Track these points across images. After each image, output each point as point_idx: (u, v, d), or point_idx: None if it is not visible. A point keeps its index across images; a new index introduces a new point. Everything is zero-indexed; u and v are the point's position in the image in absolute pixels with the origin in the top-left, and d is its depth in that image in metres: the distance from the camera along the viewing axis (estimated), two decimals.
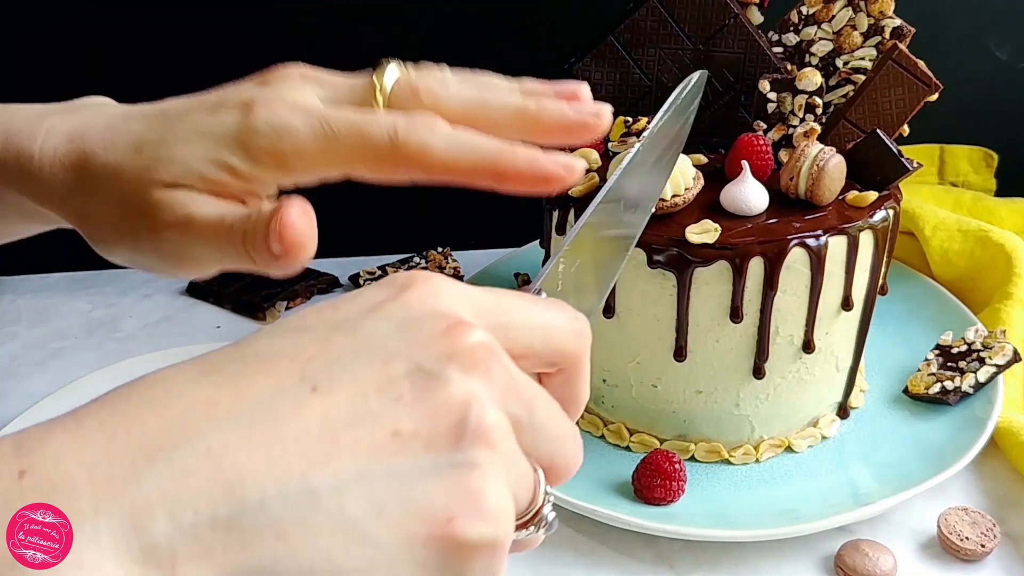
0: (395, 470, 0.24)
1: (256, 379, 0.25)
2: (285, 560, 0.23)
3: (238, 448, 0.23)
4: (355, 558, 0.23)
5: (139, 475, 0.23)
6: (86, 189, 0.38)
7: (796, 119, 0.66)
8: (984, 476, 0.67)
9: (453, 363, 0.25)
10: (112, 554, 0.22)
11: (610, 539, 0.62)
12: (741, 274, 0.60)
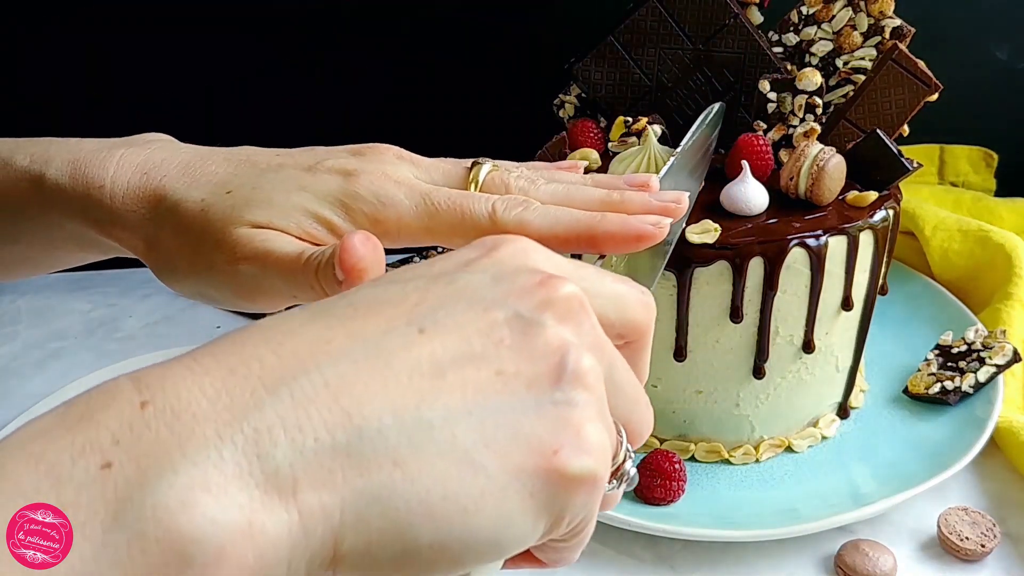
0: (500, 407, 0.25)
1: (366, 321, 0.26)
2: (402, 486, 0.24)
3: (354, 381, 0.25)
4: (468, 486, 0.24)
5: (260, 404, 0.24)
6: (160, 220, 0.40)
7: (796, 119, 0.66)
8: (984, 476, 0.67)
9: (548, 311, 0.27)
10: (236, 479, 0.23)
11: (610, 539, 0.62)
12: (741, 274, 0.60)
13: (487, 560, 0.26)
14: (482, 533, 0.25)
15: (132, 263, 0.45)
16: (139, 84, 0.94)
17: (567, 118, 0.73)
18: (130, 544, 0.22)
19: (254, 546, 0.23)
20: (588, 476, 0.26)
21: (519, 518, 0.25)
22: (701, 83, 0.68)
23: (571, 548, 0.29)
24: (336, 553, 0.24)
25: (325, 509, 0.23)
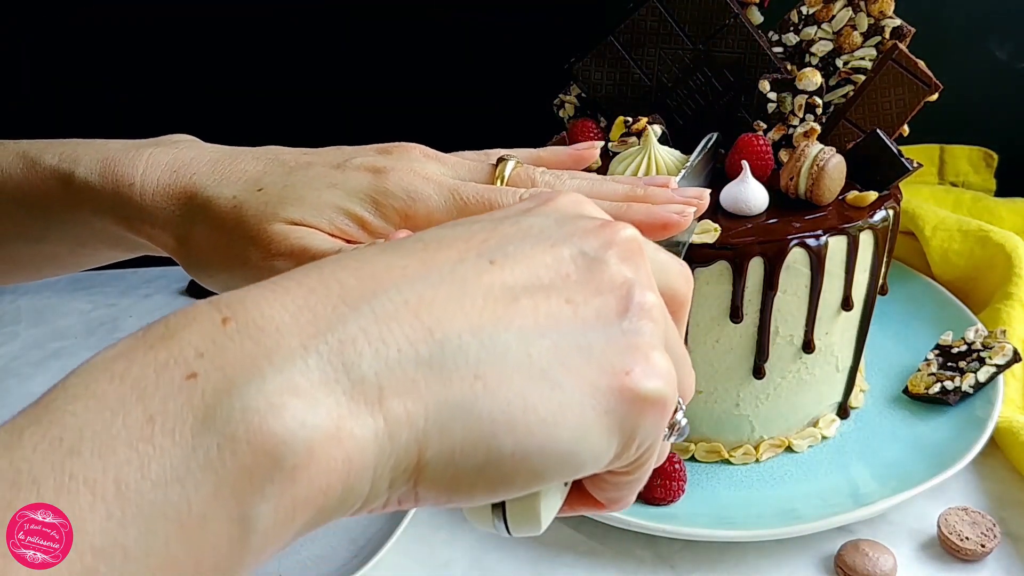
0: (572, 332, 0.26)
1: (438, 253, 0.27)
2: (484, 398, 0.25)
3: (432, 301, 0.25)
4: (546, 400, 0.25)
5: (343, 318, 0.24)
6: (192, 217, 0.41)
7: (796, 119, 0.66)
8: (984, 476, 0.67)
9: (611, 250, 0.28)
10: (323, 386, 0.23)
11: (610, 539, 0.62)
12: (741, 274, 0.60)
13: (564, 475, 0.26)
14: (561, 445, 0.25)
15: (132, 263, 0.45)
16: (139, 84, 0.94)
17: (567, 118, 0.73)
18: (220, 447, 0.22)
19: (342, 450, 0.23)
20: (659, 397, 0.26)
21: (595, 433, 0.26)
22: (701, 83, 0.68)
23: (631, 484, 0.30)
24: (420, 461, 0.24)
25: (410, 416, 0.24)
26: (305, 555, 0.61)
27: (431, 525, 0.64)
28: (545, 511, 0.28)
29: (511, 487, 0.26)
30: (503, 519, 0.28)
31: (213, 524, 0.22)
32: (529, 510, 0.28)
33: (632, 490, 0.30)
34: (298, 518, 0.23)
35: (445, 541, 0.63)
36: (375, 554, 0.59)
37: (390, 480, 0.24)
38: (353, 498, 0.24)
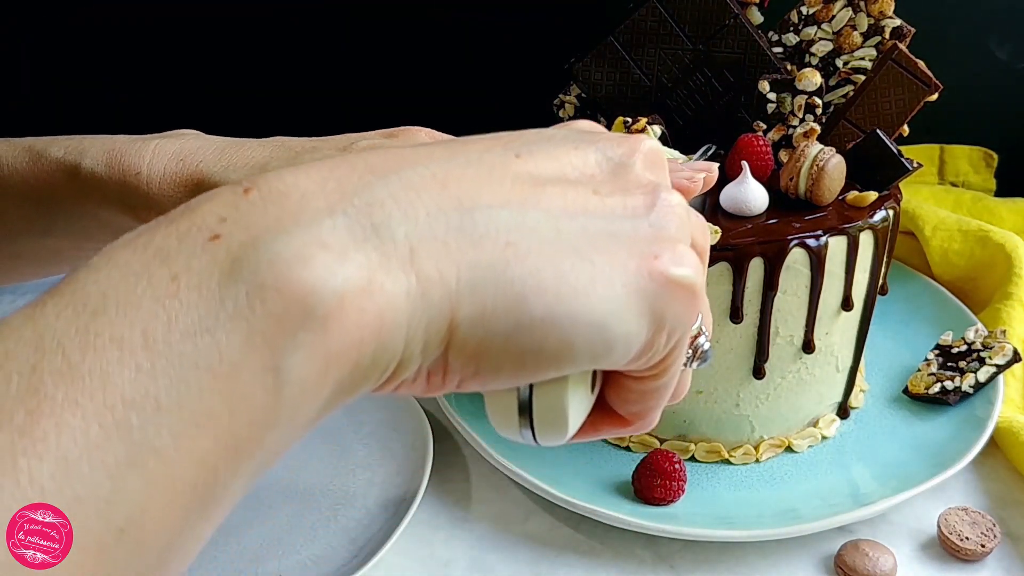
0: (600, 218, 0.26)
1: (465, 145, 0.27)
2: (514, 263, 0.24)
3: (460, 178, 0.25)
4: (577, 272, 0.25)
5: (369, 185, 0.24)
6: None
7: (796, 119, 0.66)
8: (984, 476, 0.67)
9: (636, 157, 0.28)
10: (351, 242, 0.23)
11: (610, 539, 0.62)
12: (741, 274, 0.60)
13: (594, 353, 0.25)
14: (592, 315, 0.25)
15: None
16: (139, 85, 0.94)
17: (567, 118, 0.73)
18: (249, 295, 0.21)
19: (374, 303, 0.23)
20: (688, 282, 0.26)
21: (625, 310, 0.25)
22: (701, 83, 0.68)
23: (656, 394, 0.29)
24: (452, 322, 0.24)
25: (442, 275, 0.24)
26: (305, 555, 0.61)
27: (431, 525, 0.64)
28: (572, 412, 0.27)
29: (539, 359, 0.25)
30: (530, 423, 0.27)
31: (246, 374, 0.21)
32: (556, 409, 0.27)
33: (657, 401, 0.30)
34: (332, 373, 0.22)
35: (445, 541, 0.63)
36: (375, 554, 0.59)
37: (423, 342, 0.24)
38: (387, 358, 0.23)
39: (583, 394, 0.28)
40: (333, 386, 0.23)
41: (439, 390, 0.26)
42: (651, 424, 0.31)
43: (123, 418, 0.20)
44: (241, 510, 0.65)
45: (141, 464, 0.20)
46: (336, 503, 0.65)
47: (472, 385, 0.26)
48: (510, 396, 0.27)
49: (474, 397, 0.71)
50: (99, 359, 0.20)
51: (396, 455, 0.68)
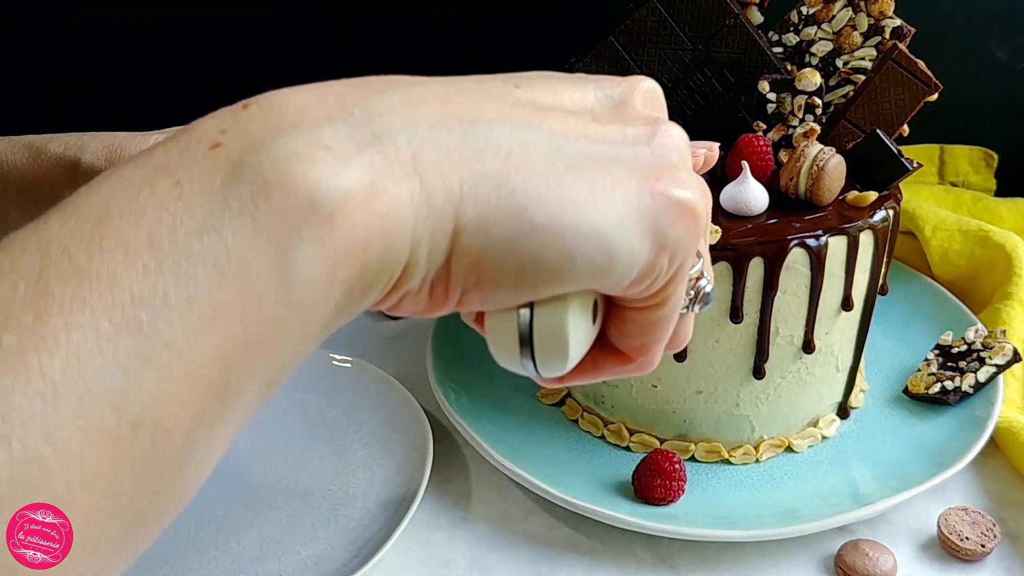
0: (601, 143, 0.26)
1: (462, 79, 0.27)
2: (516, 174, 0.24)
3: (457, 97, 0.25)
4: (579, 186, 0.25)
5: (369, 99, 0.24)
6: None
7: (796, 119, 0.66)
8: (984, 476, 0.67)
9: (635, 95, 0.28)
10: (354, 147, 0.23)
11: (610, 539, 0.62)
12: (741, 274, 0.60)
13: (596, 270, 0.25)
14: (594, 227, 0.25)
15: None
16: (139, 86, 0.94)
17: None
18: (253, 194, 0.21)
19: (379, 204, 0.23)
20: (691, 204, 0.26)
21: (626, 225, 0.25)
22: (701, 83, 0.68)
23: (658, 326, 0.29)
24: (456, 227, 0.24)
25: (445, 181, 0.24)
26: (305, 555, 0.61)
27: (431, 525, 0.64)
28: (573, 337, 0.27)
29: (540, 271, 0.25)
30: (530, 348, 0.27)
31: (255, 269, 0.21)
32: (556, 332, 0.27)
33: (658, 336, 0.29)
34: (340, 273, 0.22)
35: (445, 541, 0.63)
36: (375, 554, 0.59)
37: (428, 248, 0.24)
38: (393, 262, 0.23)
39: (584, 321, 0.28)
40: (342, 289, 0.23)
41: (441, 305, 0.26)
42: (652, 363, 0.30)
43: (133, 315, 0.20)
44: (241, 510, 0.65)
45: (154, 358, 0.20)
46: (336, 503, 0.65)
47: (473, 300, 0.26)
48: (510, 320, 0.27)
49: (474, 398, 0.71)
50: (105, 261, 0.20)
51: (396, 455, 0.68)
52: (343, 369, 0.77)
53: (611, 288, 0.26)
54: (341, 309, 0.24)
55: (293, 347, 0.23)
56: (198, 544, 0.62)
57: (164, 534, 0.69)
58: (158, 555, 0.61)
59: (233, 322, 0.21)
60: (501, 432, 0.68)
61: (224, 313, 0.21)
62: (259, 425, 0.73)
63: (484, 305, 0.26)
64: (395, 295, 0.25)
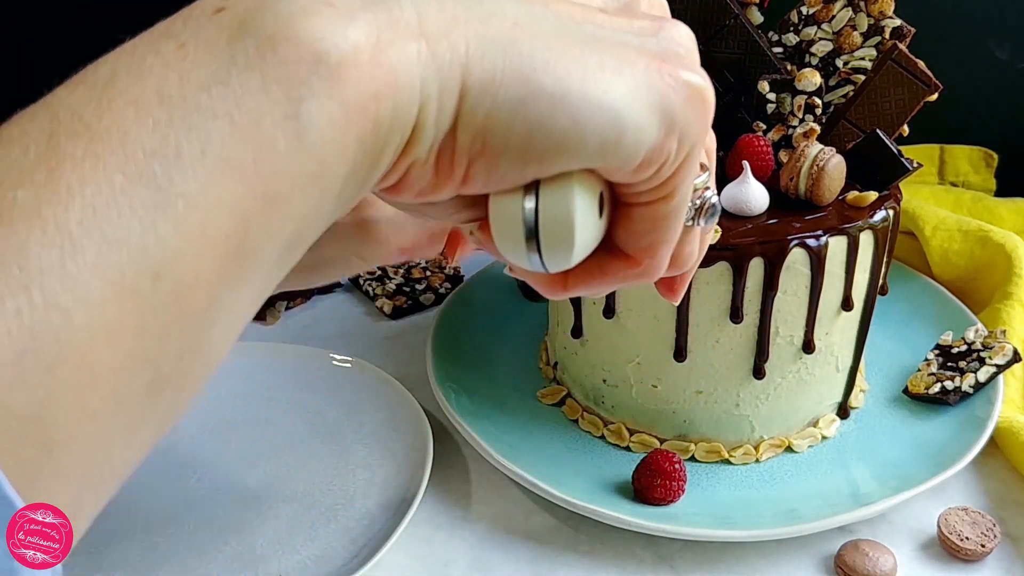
0: (609, 29, 0.26)
1: None
2: (523, 40, 0.24)
3: None
4: (587, 57, 0.24)
5: None
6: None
7: (796, 119, 0.66)
8: (984, 476, 0.67)
9: (642, 2, 0.29)
10: (360, 6, 0.23)
11: (610, 539, 0.62)
12: (741, 274, 0.60)
13: (604, 142, 0.25)
14: (602, 97, 0.24)
15: None
16: None
17: None
18: (259, 47, 0.21)
19: (386, 58, 0.22)
20: (699, 87, 0.26)
21: (635, 99, 0.25)
22: None
23: (665, 223, 0.28)
24: (463, 87, 0.23)
25: (451, 41, 0.23)
26: (305, 555, 0.61)
27: (431, 525, 0.64)
28: (579, 225, 0.26)
29: (547, 139, 0.24)
30: (536, 240, 0.27)
31: (266, 120, 0.21)
32: (562, 218, 0.26)
33: (665, 234, 0.28)
34: (352, 127, 0.22)
35: (445, 541, 0.63)
36: (375, 554, 0.59)
37: (436, 109, 0.24)
38: (403, 119, 0.23)
39: (590, 211, 0.27)
40: (355, 145, 0.23)
41: (447, 181, 0.25)
42: (658, 268, 0.29)
43: (146, 167, 0.20)
44: (241, 510, 0.65)
45: (169, 209, 0.20)
46: (336, 503, 0.65)
47: (478, 173, 0.25)
48: (515, 204, 0.26)
49: (474, 398, 0.71)
50: (116, 119, 0.20)
51: (396, 455, 0.68)
52: (343, 369, 0.77)
53: (620, 168, 0.26)
54: (356, 171, 0.23)
55: (311, 208, 0.23)
56: (198, 544, 0.62)
57: (164, 534, 0.68)
58: (158, 555, 0.61)
59: (247, 173, 0.21)
60: (501, 432, 0.68)
61: (237, 164, 0.21)
62: (259, 425, 0.73)
63: (489, 180, 0.25)
64: (404, 162, 0.25)
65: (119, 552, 0.62)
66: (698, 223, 0.30)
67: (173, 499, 0.66)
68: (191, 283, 0.20)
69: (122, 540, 0.63)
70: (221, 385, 0.77)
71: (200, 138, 0.20)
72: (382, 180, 0.25)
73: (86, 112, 0.20)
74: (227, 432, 0.72)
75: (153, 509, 0.65)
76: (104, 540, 0.63)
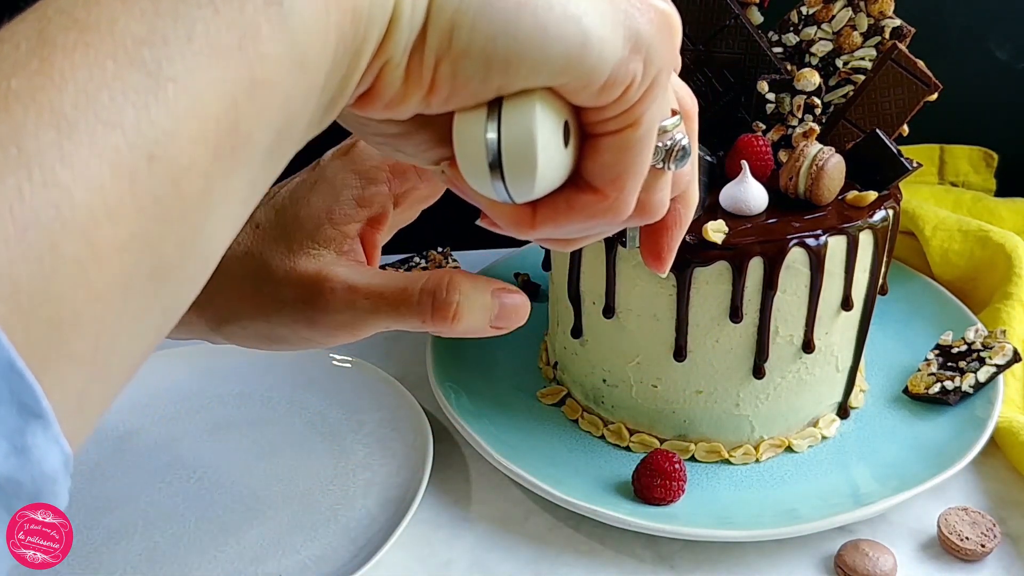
0: None
1: None
2: None
3: None
4: None
5: None
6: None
7: (795, 120, 0.66)
8: (984, 476, 0.67)
9: None
10: None
11: (610, 539, 0.62)
12: (741, 274, 0.60)
13: (569, 45, 0.25)
14: (567, 6, 0.25)
15: None
16: None
17: None
18: None
19: None
20: (665, 11, 0.26)
21: (600, 14, 0.25)
22: (702, 84, 0.68)
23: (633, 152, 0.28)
24: None
25: None
26: (305, 555, 0.61)
27: (431, 525, 0.64)
28: (542, 149, 0.26)
29: (511, 44, 0.25)
30: (500, 170, 0.27)
31: (248, 7, 0.22)
32: (525, 140, 0.26)
33: (632, 166, 0.28)
34: (332, 15, 0.23)
35: (445, 541, 0.63)
36: (375, 554, 0.59)
37: (411, 4, 0.24)
38: (379, 12, 0.24)
39: (554, 137, 0.27)
40: (337, 35, 0.23)
41: (415, 88, 0.26)
42: (626, 203, 0.29)
43: (136, 53, 0.21)
44: (241, 510, 0.65)
45: (160, 92, 0.21)
46: (336, 503, 0.65)
47: (444, 78, 0.25)
48: (478, 128, 0.26)
49: (474, 398, 0.71)
50: (104, 11, 0.21)
51: (396, 455, 0.68)
52: (343, 369, 0.77)
53: (585, 86, 0.26)
54: (337, 66, 0.24)
55: (297, 99, 0.23)
56: (198, 544, 0.62)
57: (164, 534, 0.68)
58: (158, 555, 0.61)
59: (232, 58, 0.22)
60: (501, 432, 0.68)
61: (223, 49, 0.21)
62: (259, 425, 0.73)
63: (454, 88, 0.26)
64: (379, 60, 0.25)
65: (119, 552, 0.62)
66: (668, 166, 0.30)
67: (173, 499, 0.66)
68: (186, 165, 0.21)
69: (122, 540, 0.63)
70: (221, 385, 0.77)
71: (186, 25, 0.21)
72: (359, 84, 0.25)
73: (75, 9, 0.21)
74: (227, 432, 0.72)
75: (153, 509, 0.65)
76: (104, 540, 0.63)
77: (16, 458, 0.19)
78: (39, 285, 0.19)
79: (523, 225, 0.29)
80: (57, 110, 0.20)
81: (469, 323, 0.37)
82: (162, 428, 0.73)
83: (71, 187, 0.19)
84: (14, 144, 0.19)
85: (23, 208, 0.19)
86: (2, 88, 0.19)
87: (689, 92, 0.32)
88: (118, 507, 0.65)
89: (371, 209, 0.42)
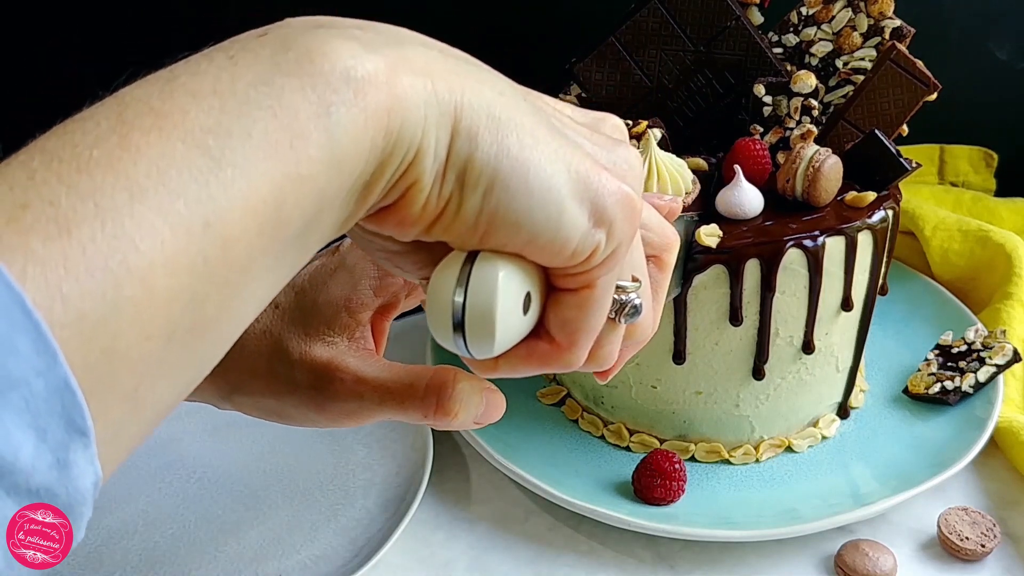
0: (571, 129, 0.30)
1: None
2: (505, 108, 0.28)
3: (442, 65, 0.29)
4: (548, 139, 0.29)
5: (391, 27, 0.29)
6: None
7: (792, 122, 0.66)
8: (984, 476, 0.67)
9: (606, 123, 0.33)
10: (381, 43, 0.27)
11: (610, 539, 0.62)
12: (738, 277, 0.60)
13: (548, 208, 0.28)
14: (552, 180, 0.28)
15: None
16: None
17: None
18: (299, 59, 0.26)
19: (398, 84, 0.27)
20: (629, 195, 0.29)
21: (572, 188, 0.28)
22: (702, 85, 0.68)
23: (588, 310, 0.31)
24: (455, 127, 0.27)
25: (450, 85, 0.28)
26: (305, 555, 0.61)
27: (431, 525, 0.64)
28: (500, 325, 0.30)
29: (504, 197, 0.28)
30: (462, 333, 0.30)
31: (301, 115, 0.25)
32: (486, 320, 0.30)
33: (586, 322, 0.31)
34: (369, 132, 0.26)
35: (445, 541, 0.63)
36: (375, 554, 0.59)
37: (435, 138, 0.27)
38: (408, 136, 0.27)
39: (515, 310, 0.30)
40: (371, 147, 0.26)
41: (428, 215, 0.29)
42: (578, 356, 0.32)
43: (201, 140, 0.24)
44: (241, 510, 0.65)
45: (221, 173, 0.24)
46: (336, 503, 0.65)
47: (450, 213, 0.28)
48: (447, 296, 0.30)
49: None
50: (177, 103, 0.24)
51: (396, 455, 0.68)
52: None
53: (558, 253, 0.29)
54: (365, 172, 0.27)
55: (330, 194, 0.26)
56: (198, 544, 0.62)
57: (164, 534, 0.68)
58: (158, 555, 0.61)
59: (284, 155, 0.25)
60: (501, 432, 0.68)
61: (276, 146, 0.25)
62: (259, 425, 0.73)
63: (452, 225, 0.29)
64: (408, 179, 0.28)
65: (119, 552, 0.62)
66: (620, 321, 0.33)
67: (173, 499, 0.66)
68: (235, 236, 0.24)
69: (122, 540, 0.63)
70: None
71: (247, 123, 0.25)
72: (386, 195, 0.28)
73: (151, 99, 0.24)
74: (227, 432, 0.72)
75: (153, 509, 0.65)
76: (104, 540, 0.63)
77: (58, 471, 0.21)
78: (100, 317, 0.22)
79: (486, 369, 0.33)
80: (131, 177, 0.23)
81: (463, 420, 0.42)
82: (162, 428, 0.73)
83: (137, 239, 0.22)
84: (92, 200, 0.22)
85: (95, 250, 0.22)
86: (85, 155, 0.23)
87: (670, 228, 0.35)
88: (118, 507, 0.66)
89: (385, 298, 0.45)
